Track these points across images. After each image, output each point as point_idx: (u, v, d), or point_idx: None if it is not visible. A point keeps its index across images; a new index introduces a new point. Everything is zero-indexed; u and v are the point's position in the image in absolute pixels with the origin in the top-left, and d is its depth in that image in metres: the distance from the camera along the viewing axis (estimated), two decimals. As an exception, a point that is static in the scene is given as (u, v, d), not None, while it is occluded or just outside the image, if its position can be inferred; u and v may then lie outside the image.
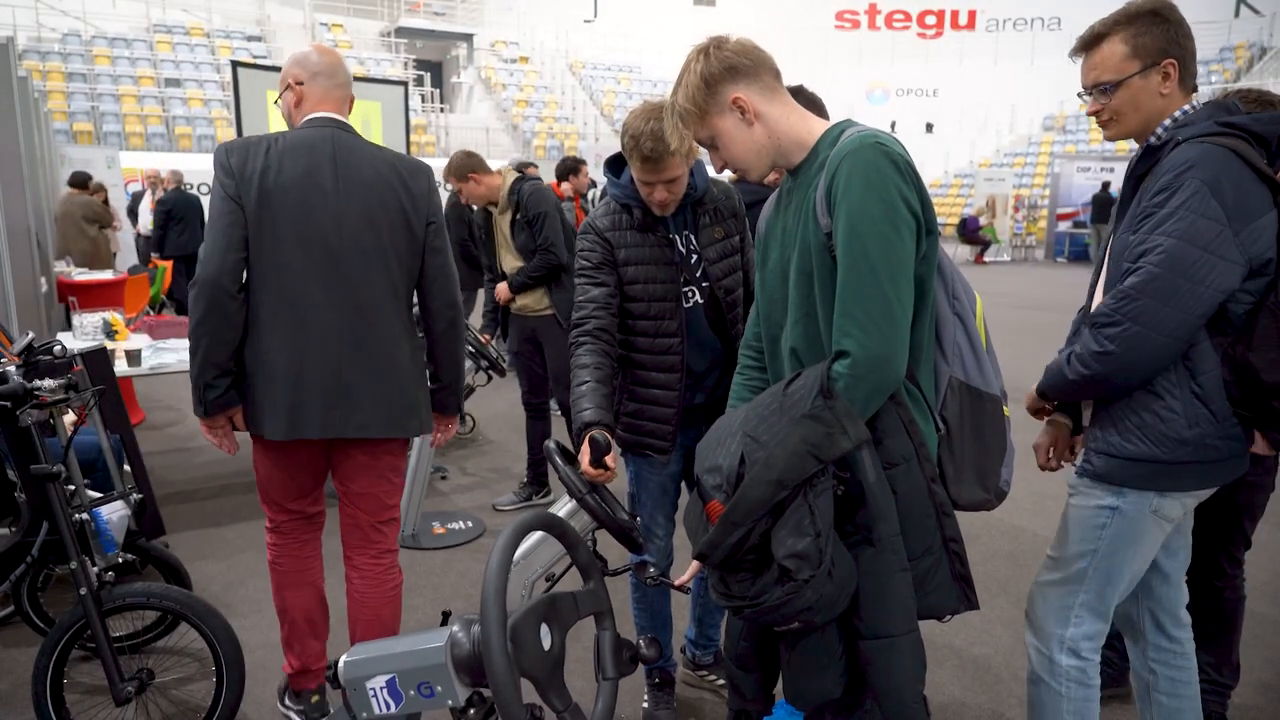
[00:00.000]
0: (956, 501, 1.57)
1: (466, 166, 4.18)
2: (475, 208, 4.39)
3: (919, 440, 1.48)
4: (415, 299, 2.48)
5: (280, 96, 2.39)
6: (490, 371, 4.15)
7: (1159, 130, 1.83)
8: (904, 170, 1.45)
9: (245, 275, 2.22)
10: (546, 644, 1.29)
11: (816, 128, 1.59)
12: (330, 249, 2.24)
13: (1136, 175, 1.86)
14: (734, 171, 1.69)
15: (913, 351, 1.50)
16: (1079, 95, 1.93)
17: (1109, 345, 1.74)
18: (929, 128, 26.32)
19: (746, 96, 1.56)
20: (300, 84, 2.34)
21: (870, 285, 1.42)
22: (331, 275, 2.25)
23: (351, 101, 2.44)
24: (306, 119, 2.32)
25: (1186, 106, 1.83)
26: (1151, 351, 1.72)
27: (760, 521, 1.39)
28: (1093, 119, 1.93)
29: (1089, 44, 1.87)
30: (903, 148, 1.50)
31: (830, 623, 1.47)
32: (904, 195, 1.44)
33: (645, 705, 2.67)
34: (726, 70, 1.55)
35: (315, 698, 2.62)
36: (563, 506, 2.04)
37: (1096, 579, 1.88)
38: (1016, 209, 20.09)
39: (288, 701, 2.67)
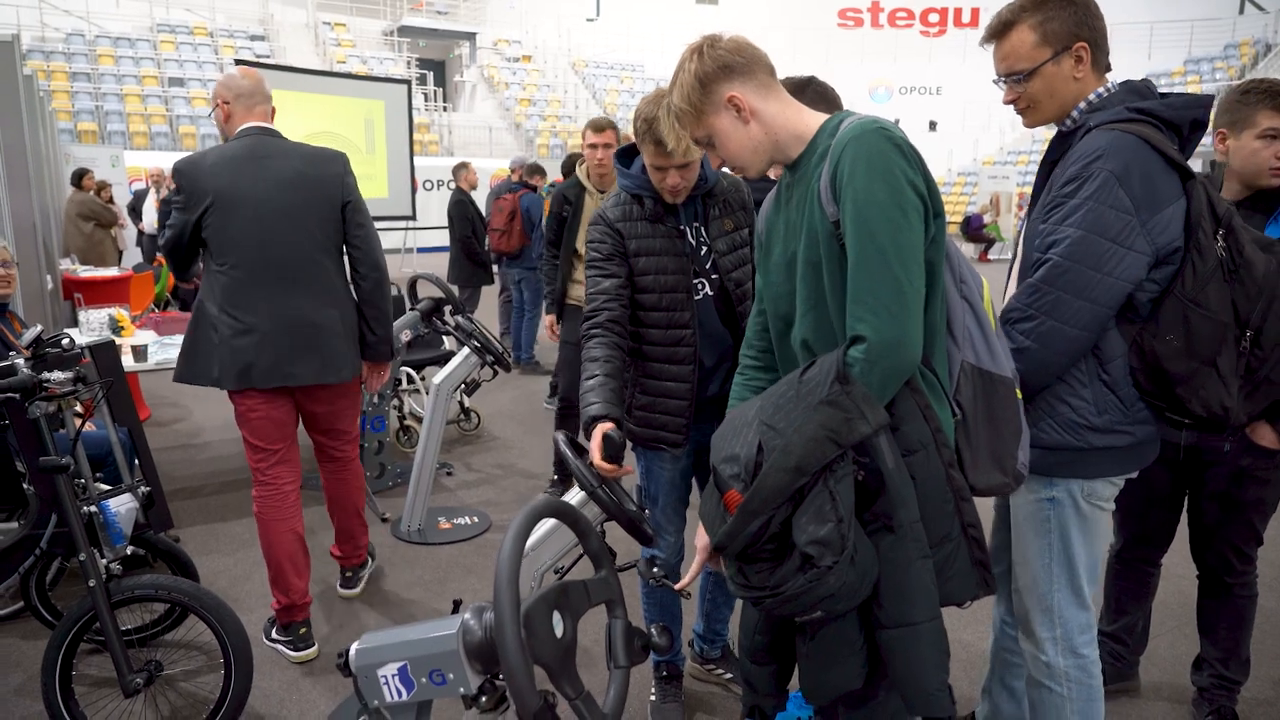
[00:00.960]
0: (974, 486, 1.56)
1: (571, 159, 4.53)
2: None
3: (935, 426, 1.47)
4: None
5: (212, 113, 2.91)
6: (496, 366, 4.14)
7: (1073, 114, 1.81)
8: (908, 154, 1.45)
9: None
10: (559, 631, 1.29)
11: (813, 121, 1.59)
12: (262, 234, 2.76)
13: (1049, 161, 1.84)
14: (732, 170, 1.69)
15: (926, 336, 1.49)
16: (994, 82, 1.90)
17: (1024, 341, 1.73)
18: (932, 125, 26.29)
19: (742, 94, 1.56)
20: (227, 103, 2.84)
21: (881, 269, 1.41)
22: (265, 254, 2.77)
23: (274, 111, 2.93)
24: (239, 130, 2.82)
25: (1101, 89, 1.80)
26: (1065, 344, 1.72)
27: (780, 509, 1.38)
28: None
29: (997, 32, 1.84)
30: (904, 134, 1.50)
31: (849, 613, 1.46)
32: (910, 179, 1.44)
33: (653, 698, 2.67)
34: (721, 69, 1.55)
35: (303, 629, 3.01)
36: (572, 499, 2.04)
37: (1061, 571, 1.88)
38: (1020, 207, 20.05)
39: (275, 635, 3.04)
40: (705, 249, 2.33)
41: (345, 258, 2.99)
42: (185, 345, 2.85)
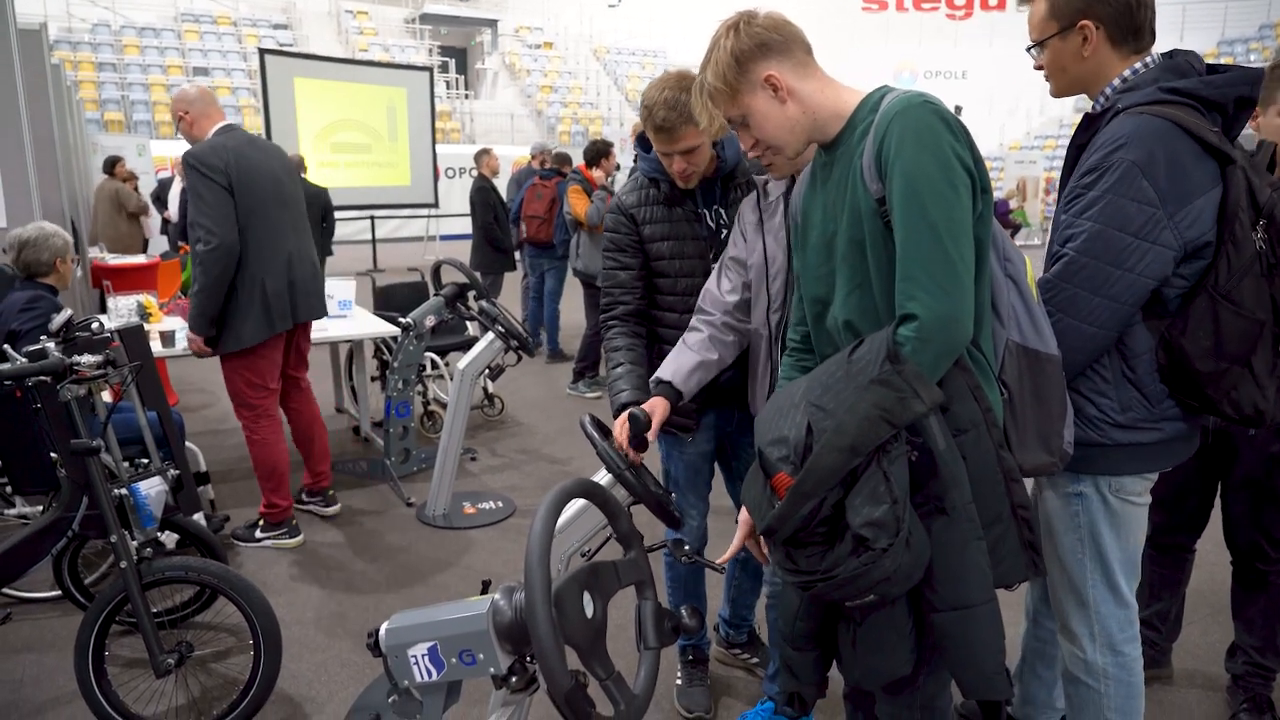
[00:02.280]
0: (1021, 466, 1.53)
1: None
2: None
3: (986, 405, 1.44)
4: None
5: (177, 123, 3.54)
6: (520, 351, 4.14)
7: (1106, 91, 1.74)
8: (955, 128, 1.41)
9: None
10: (589, 612, 1.28)
11: (852, 98, 1.55)
12: (275, 197, 3.46)
13: (1078, 144, 1.77)
14: (767, 150, 1.61)
15: (974, 313, 1.45)
16: (1026, 50, 1.86)
17: None
18: (958, 110, 25.77)
19: (779, 74, 1.51)
20: (188, 113, 3.48)
21: (932, 245, 1.38)
22: (279, 214, 3.46)
23: (223, 113, 3.61)
24: (217, 128, 3.47)
25: (1137, 65, 1.72)
26: (1083, 343, 1.66)
27: (832, 491, 1.34)
28: None
29: None
30: (948, 108, 1.46)
31: (900, 598, 1.43)
32: (958, 153, 1.40)
33: (679, 682, 2.67)
34: (758, 47, 1.51)
35: (293, 520, 3.76)
36: (599, 481, 2.03)
37: (1095, 567, 1.83)
38: (1048, 192, 19.78)
39: (259, 534, 3.71)
40: (726, 232, 2.31)
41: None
42: (223, 317, 3.39)
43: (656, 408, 2.03)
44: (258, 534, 3.74)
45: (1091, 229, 1.62)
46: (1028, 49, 1.82)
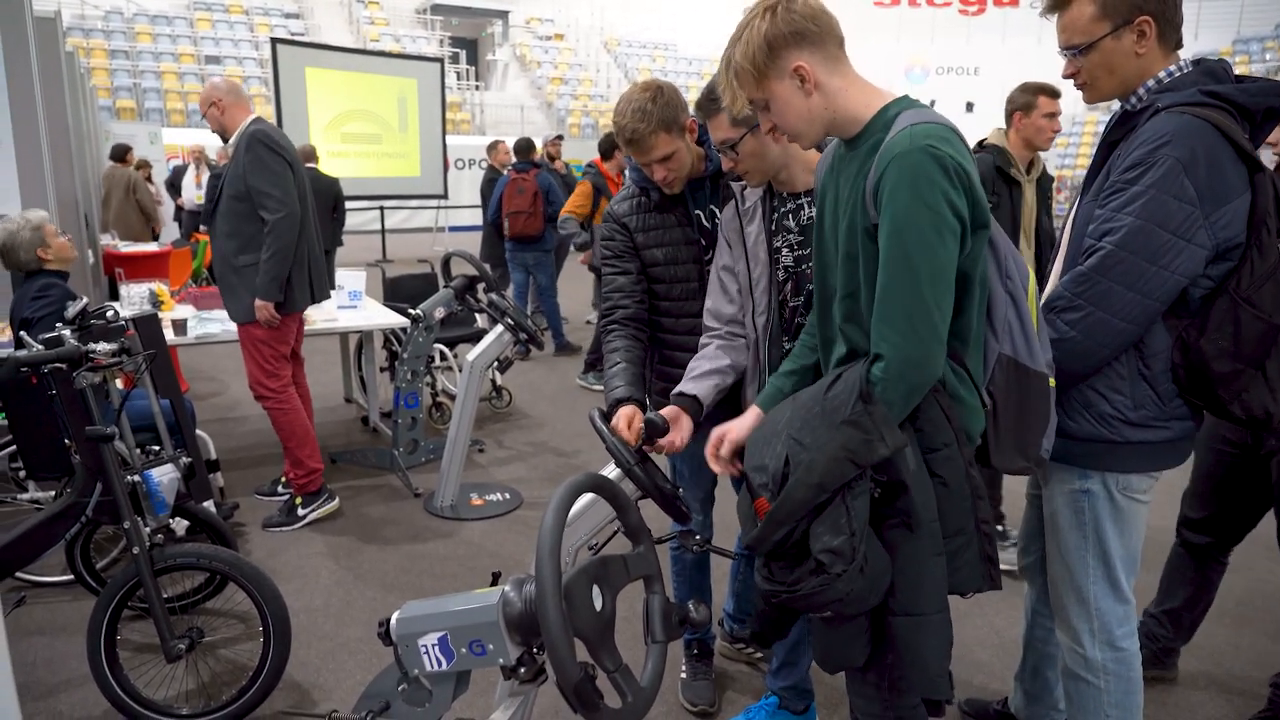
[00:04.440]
0: (995, 466, 1.62)
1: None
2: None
3: (958, 426, 1.51)
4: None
5: (207, 112, 3.67)
6: (529, 344, 4.16)
7: (1140, 92, 1.73)
8: (952, 174, 1.41)
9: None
10: (598, 605, 1.29)
11: (873, 101, 1.55)
12: (303, 185, 3.74)
13: (1109, 141, 1.76)
14: (786, 136, 1.63)
15: (962, 335, 1.52)
16: (1059, 53, 1.80)
17: (1068, 331, 1.69)
18: (969, 107, 25.82)
19: (810, 65, 1.51)
20: (219, 103, 3.63)
21: (910, 291, 1.42)
22: (306, 200, 3.73)
23: (251, 106, 3.81)
24: (252, 118, 3.65)
25: (1172, 68, 1.71)
26: (1111, 337, 1.68)
27: (802, 520, 1.46)
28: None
29: (1058, 3, 1.75)
30: (955, 143, 1.44)
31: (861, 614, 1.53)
32: (950, 200, 1.41)
33: (683, 675, 2.68)
34: (793, 34, 1.50)
35: (326, 484, 3.98)
36: (607, 475, 2.04)
37: (1097, 564, 1.84)
38: (1059, 190, 19.68)
39: (302, 511, 3.85)
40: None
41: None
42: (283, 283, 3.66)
43: (677, 418, 2.05)
44: (300, 511, 3.85)
45: (1132, 224, 1.63)
46: (1068, 53, 1.76)
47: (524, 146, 7.26)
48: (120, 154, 9.39)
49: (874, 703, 1.66)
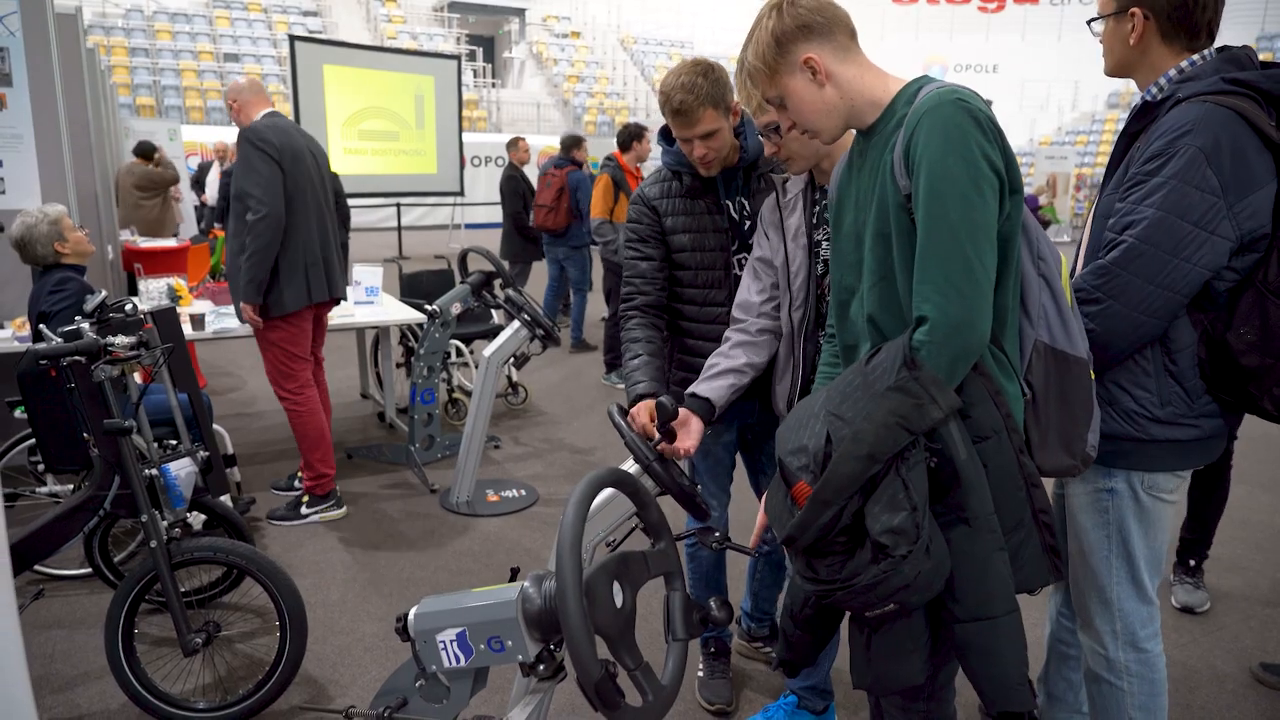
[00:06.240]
0: (1041, 468, 1.51)
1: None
2: None
3: (1006, 411, 1.42)
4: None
5: (230, 111, 3.75)
6: (545, 341, 4.14)
7: (1160, 82, 1.71)
8: (985, 127, 1.39)
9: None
10: (618, 601, 1.27)
11: (892, 85, 1.53)
12: (317, 184, 3.72)
13: (1130, 133, 1.73)
14: (804, 133, 1.62)
15: (998, 315, 1.44)
16: (1087, 23, 1.88)
17: (1088, 324, 1.64)
18: (988, 104, 25.67)
19: (819, 56, 1.50)
20: (237, 101, 3.70)
21: (951, 247, 1.36)
22: (316, 195, 3.71)
23: (270, 102, 3.80)
24: (265, 112, 3.66)
25: (1195, 58, 1.69)
26: (1132, 331, 1.64)
27: (851, 499, 1.33)
28: None
29: None
30: (984, 102, 1.43)
31: (918, 608, 1.41)
32: (986, 153, 1.38)
33: (700, 674, 2.66)
34: (799, 28, 1.50)
35: (337, 492, 3.94)
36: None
37: (1121, 564, 1.80)
38: (1078, 188, 19.52)
39: (306, 510, 3.83)
40: (749, 224, 2.29)
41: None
42: (270, 282, 3.56)
43: (687, 421, 1.99)
44: (304, 510, 3.84)
45: (1154, 216, 1.59)
46: (1088, 22, 1.84)
47: (569, 143, 7.36)
48: (148, 151, 9.35)
49: (911, 714, 1.58)
